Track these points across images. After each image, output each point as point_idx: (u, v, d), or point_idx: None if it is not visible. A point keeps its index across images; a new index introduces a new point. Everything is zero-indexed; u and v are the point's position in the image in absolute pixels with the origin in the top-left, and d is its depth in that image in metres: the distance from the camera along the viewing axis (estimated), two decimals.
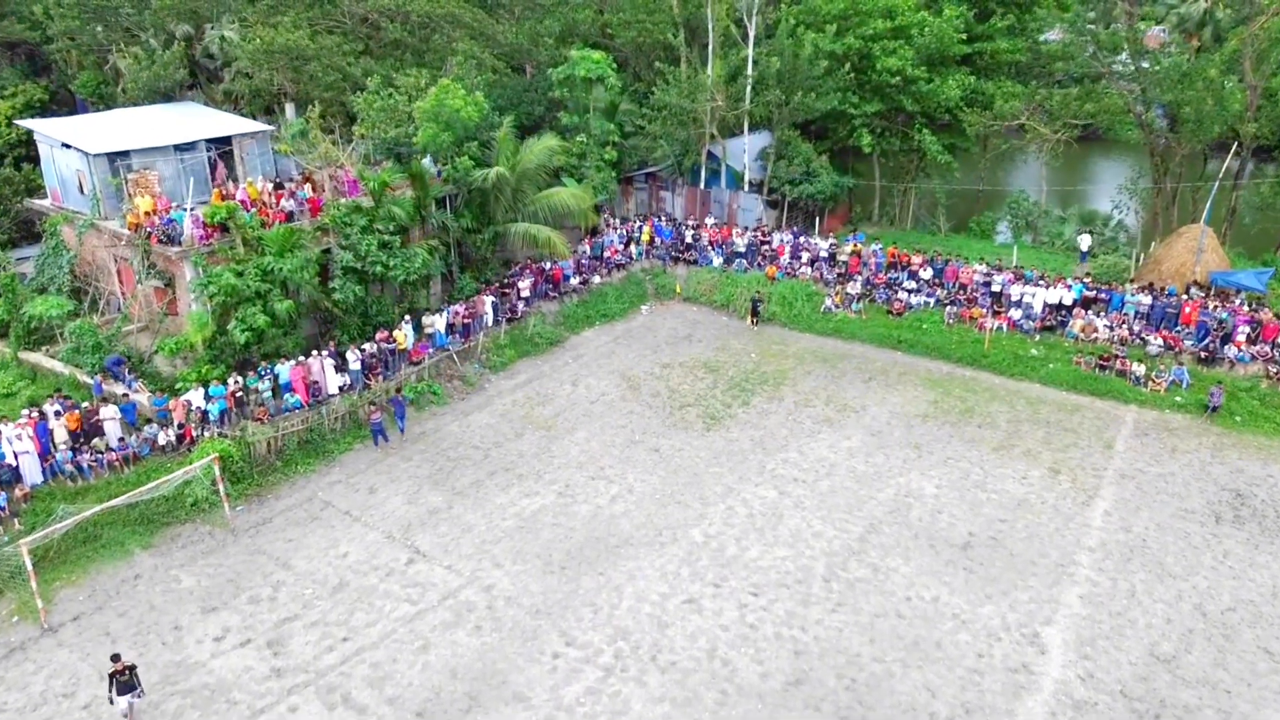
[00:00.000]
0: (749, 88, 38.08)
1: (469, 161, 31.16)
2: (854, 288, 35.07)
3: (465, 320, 30.19)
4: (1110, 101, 35.13)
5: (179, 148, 29.92)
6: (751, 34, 37.45)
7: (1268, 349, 28.45)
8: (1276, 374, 27.85)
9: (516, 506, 22.98)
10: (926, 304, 33.85)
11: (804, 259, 36.78)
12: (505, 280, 33.02)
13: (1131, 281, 32.82)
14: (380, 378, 27.38)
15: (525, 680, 17.34)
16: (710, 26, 37.89)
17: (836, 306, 34.62)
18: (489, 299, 31.20)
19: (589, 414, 27.85)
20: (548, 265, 34.29)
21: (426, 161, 32.12)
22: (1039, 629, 18.72)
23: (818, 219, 39.65)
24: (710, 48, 38.19)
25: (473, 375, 29.60)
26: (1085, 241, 38.10)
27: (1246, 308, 29.83)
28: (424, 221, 31.12)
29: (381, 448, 25.92)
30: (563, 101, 38.05)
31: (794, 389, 29.63)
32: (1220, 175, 33.78)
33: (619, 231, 38.16)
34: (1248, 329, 28.88)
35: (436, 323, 29.23)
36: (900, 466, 24.94)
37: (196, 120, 32.88)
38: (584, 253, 36.35)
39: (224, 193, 28.85)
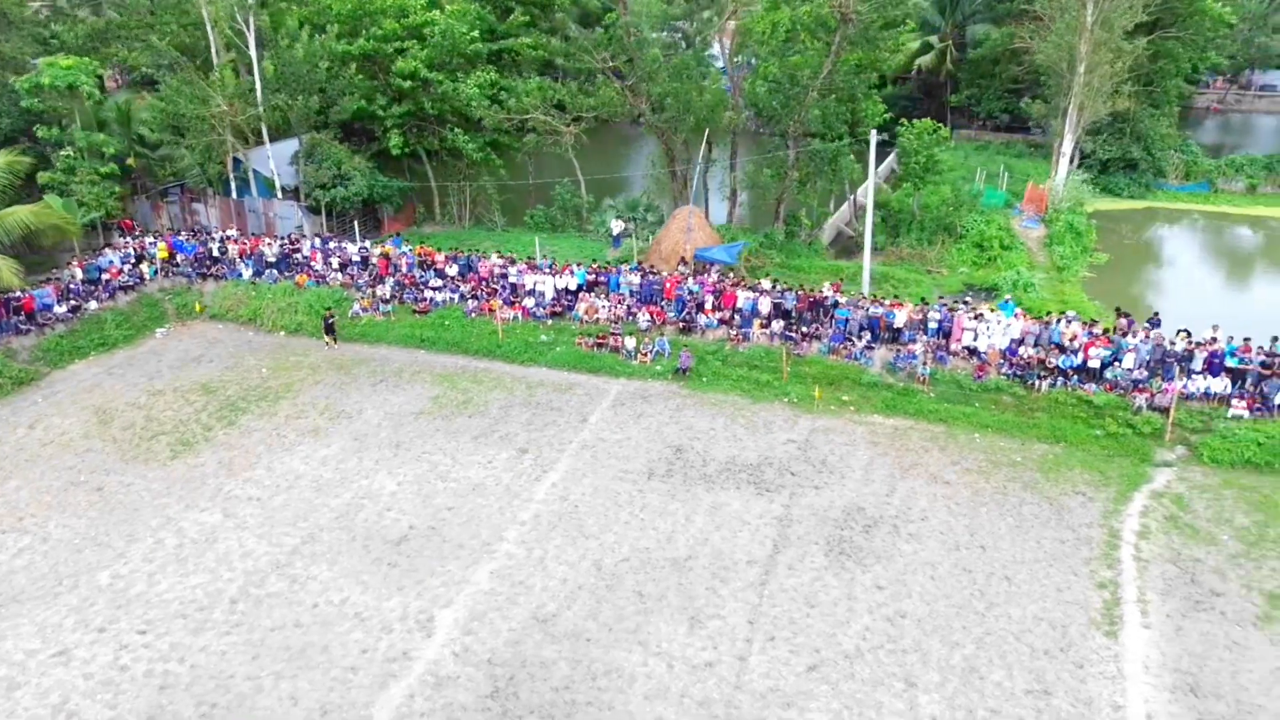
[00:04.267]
0: (259, 92, 36.50)
1: None
2: (384, 290, 34.82)
3: None
4: (606, 94, 37.62)
5: None
6: (251, 37, 35.85)
7: (728, 314, 31.76)
8: (735, 336, 31.17)
9: None
10: (451, 300, 34.34)
11: (335, 265, 35.95)
12: None
13: (628, 262, 35.37)
14: None
15: None
16: (209, 29, 35.84)
17: (364, 310, 34.16)
18: None
19: (34, 458, 25.04)
20: (17, 294, 30.59)
21: None
22: (436, 613, 19.20)
23: (356, 223, 38.99)
24: (214, 50, 36.15)
25: None
26: (617, 227, 40.70)
27: (712, 278, 33.13)
28: None
29: None
30: (42, 113, 34.24)
31: (293, 402, 28.68)
32: (701, 159, 37.40)
33: (123, 250, 35.01)
34: (712, 298, 32.08)
35: None
36: (371, 468, 24.82)
37: None
38: (72, 277, 32.88)
39: None
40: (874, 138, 31.49)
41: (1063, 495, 23.64)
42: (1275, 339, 26.97)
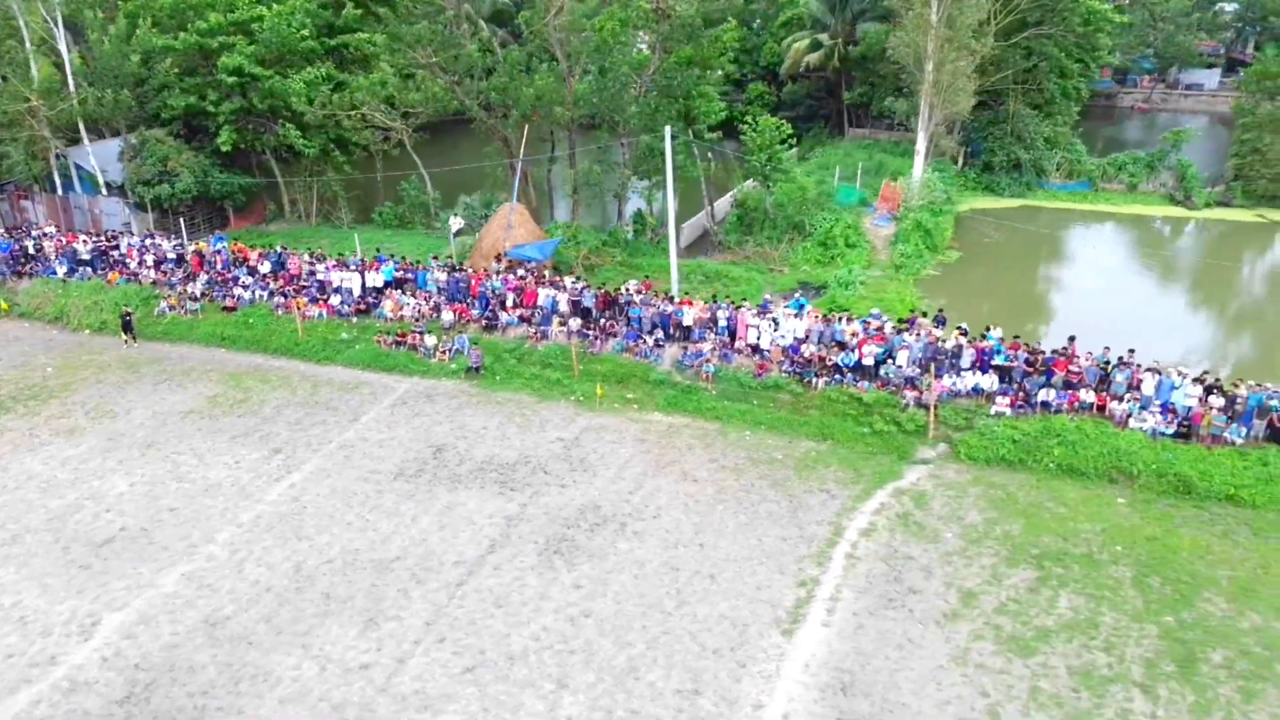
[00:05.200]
0: (70, 85, 35.83)
1: None
2: (195, 288, 34.24)
3: None
4: (431, 90, 37.19)
5: None
6: (59, 30, 35.20)
7: (529, 312, 31.40)
8: (534, 334, 30.80)
9: None
10: (260, 297, 33.80)
11: (150, 262, 35.34)
12: None
13: (435, 259, 34.97)
14: None
15: None
16: (22, 22, 35.16)
17: (171, 308, 33.57)
18: None
19: None
20: None
21: None
22: (105, 616, 18.68)
23: (183, 220, 38.37)
24: (26, 42, 35.47)
25: None
26: (456, 224, 40.24)
27: (514, 276, 32.77)
28: None
29: None
30: None
31: (63, 402, 28.07)
32: (520, 155, 37.04)
33: None
34: (513, 295, 31.71)
35: None
36: (111, 469, 24.24)
37: None
38: None
39: None
40: (669, 134, 31.18)
41: (807, 493, 23.40)
42: (997, 335, 27.21)
